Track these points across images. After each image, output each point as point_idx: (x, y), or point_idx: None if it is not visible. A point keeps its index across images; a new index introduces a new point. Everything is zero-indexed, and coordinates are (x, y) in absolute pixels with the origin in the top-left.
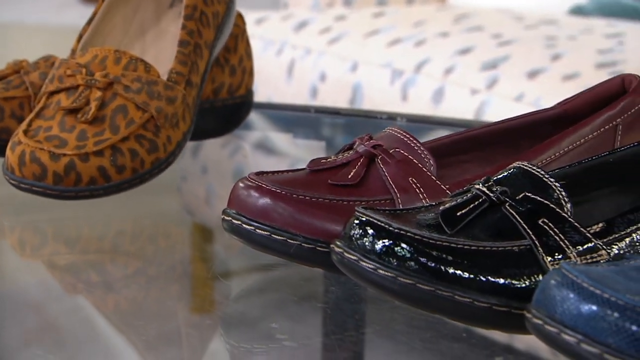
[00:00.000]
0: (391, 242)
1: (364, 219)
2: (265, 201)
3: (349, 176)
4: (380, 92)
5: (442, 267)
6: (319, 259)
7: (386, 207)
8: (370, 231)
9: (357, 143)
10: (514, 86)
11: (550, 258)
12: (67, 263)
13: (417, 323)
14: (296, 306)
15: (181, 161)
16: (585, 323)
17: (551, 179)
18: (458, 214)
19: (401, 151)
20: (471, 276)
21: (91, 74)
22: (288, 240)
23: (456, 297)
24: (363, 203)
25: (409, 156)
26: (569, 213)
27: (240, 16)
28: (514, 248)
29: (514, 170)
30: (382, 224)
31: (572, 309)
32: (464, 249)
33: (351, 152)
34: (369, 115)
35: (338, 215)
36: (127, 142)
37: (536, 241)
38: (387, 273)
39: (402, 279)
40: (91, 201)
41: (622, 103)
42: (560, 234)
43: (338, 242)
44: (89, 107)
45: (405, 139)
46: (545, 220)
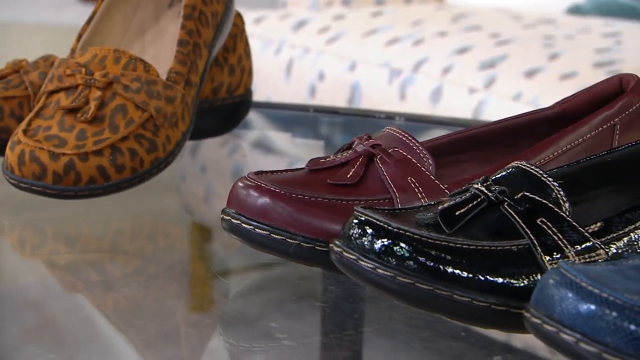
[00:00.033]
0: (390, 242)
1: (363, 219)
2: (264, 200)
3: (348, 176)
4: (378, 91)
5: (441, 267)
6: (318, 258)
7: (385, 207)
8: (369, 230)
9: (356, 143)
10: (512, 85)
11: (548, 257)
12: (67, 262)
13: (416, 322)
14: (295, 305)
15: (180, 160)
16: (583, 322)
17: (549, 179)
18: (457, 214)
19: (400, 151)
20: (470, 275)
21: (91, 74)
22: (287, 239)
23: (455, 297)
24: (362, 202)
25: (408, 156)
26: (568, 212)
27: (239, 16)
28: (513, 247)
29: (513, 169)
30: (381, 224)
31: (571, 308)
32: (463, 249)
33: (350, 152)
34: (368, 114)
35: (337, 214)
36: (127, 142)
37: (534, 240)
38: (386, 272)
39: (401, 278)
40: (90, 200)
41: (620, 103)
42: (558, 234)
43: (337, 242)
44: (89, 107)
45: (404, 139)
46: (543, 219)
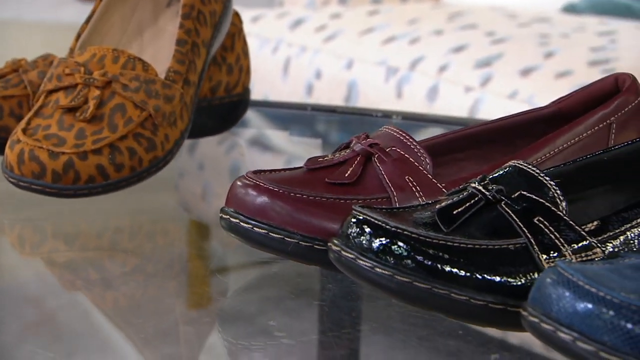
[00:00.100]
0: (388, 241)
1: (361, 218)
2: (262, 199)
3: (346, 175)
4: (375, 90)
5: (439, 265)
6: (316, 257)
7: (383, 206)
8: (367, 230)
9: (354, 142)
10: (508, 84)
11: (545, 256)
12: (66, 260)
13: (414, 320)
14: (293, 302)
15: (178, 158)
16: (580, 321)
17: (546, 178)
18: (454, 213)
19: (398, 150)
20: (467, 274)
21: (89, 73)
22: (285, 238)
23: (452, 295)
24: (360, 201)
25: (406, 155)
26: (564, 211)
27: (237, 15)
28: (510, 246)
29: (510, 168)
30: (379, 223)
31: (568, 307)
32: (460, 247)
33: (348, 151)
34: (365, 113)
35: (335, 213)
36: (126, 141)
37: (532, 239)
38: (384, 271)
39: (399, 277)
40: (89, 199)
41: (616, 102)
42: (555, 232)
43: (335, 241)
44: (88, 106)
45: (401, 138)
46: (540, 218)
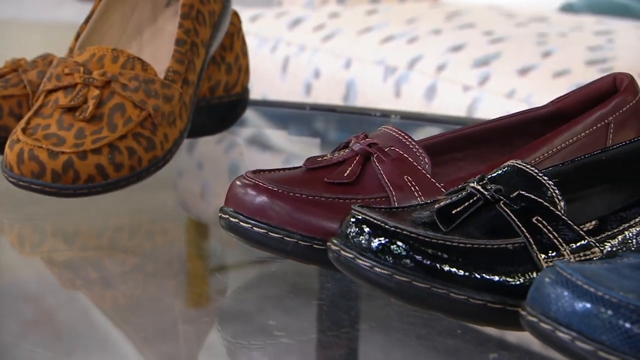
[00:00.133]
0: (387, 240)
1: (360, 217)
2: (262, 199)
3: (345, 174)
4: (373, 89)
5: (438, 265)
6: (316, 257)
7: (382, 205)
8: (366, 229)
9: (353, 141)
10: (506, 83)
11: (544, 255)
12: (66, 259)
13: (412, 319)
14: (292, 301)
15: (177, 158)
16: (579, 321)
17: (545, 177)
18: (453, 212)
19: (396, 149)
20: (466, 274)
21: (89, 73)
22: (285, 238)
23: (451, 295)
24: (359, 201)
25: (404, 154)
26: (563, 211)
27: (236, 14)
28: (509, 246)
29: (508, 168)
30: (378, 222)
31: (567, 307)
32: (459, 247)
33: (347, 151)
34: (363, 112)
35: (334, 213)
36: (125, 140)
37: (530, 239)
38: (383, 271)
39: (398, 277)
40: (89, 198)
41: (614, 101)
42: (554, 232)
43: (334, 240)
44: (87, 106)
45: (400, 138)
46: (539, 218)
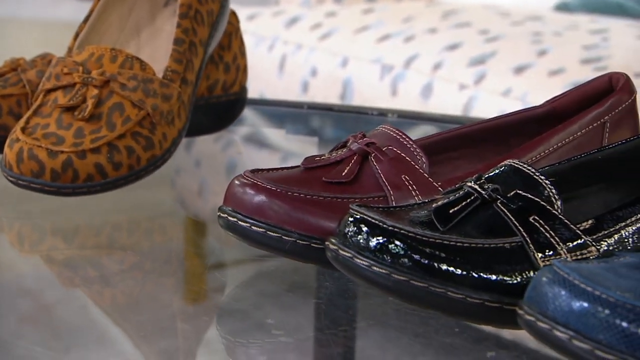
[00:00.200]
0: (385, 240)
1: (358, 217)
2: (260, 198)
3: (343, 174)
4: (370, 87)
5: (435, 264)
6: (314, 256)
7: (380, 205)
8: (364, 228)
9: (351, 141)
10: (501, 81)
11: (541, 254)
12: (65, 258)
13: (410, 318)
14: (290, 298)
15: (175, 156)
16: (576, 320)
17: (542, 177)
18: (450, 212)
19: (394, 149)
20: (464, 273)
21: (88, 72)
22: (283, 237)
23: (449, 294)
24: (357, 200)
25: (402, 154)
26: (560, 210)
27: (234, 14)
28: (506, 245)
29: (505, 167)
30: (376, 222)
31: (564, 306)
32: (457, 246)
33: (345, 150)
34: (361, 111)
35: (332, 212)
36: (124, 140)
37: (527, 238)
38: (381, 270)
39: (396, 276)
40: (88, 197)
41: (610, 101)
42: (550, 231)
43: (333, 240)
44: (86, 105)
45: (398, 137)
46: (536, 217)
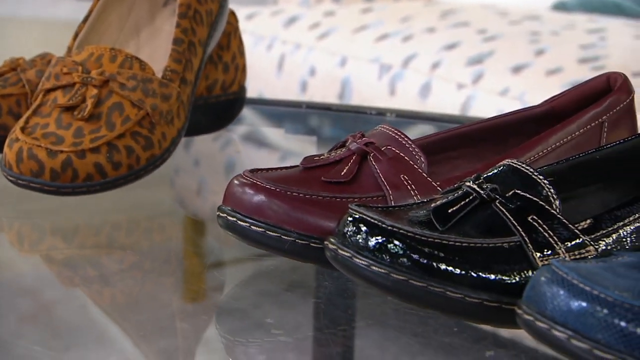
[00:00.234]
0: (384, 239)
1: (357, 216)
2: (259, 198)
3: (342, 173)
4: (368, 87)
5: (434, 264)
6: (313, 255)
7: (379, 204)
8: (363, 228)
9: (350, 141)
10: (499, 81)
11: (539, 254)
12: (65, 257)
13: (409, 317)
14: (289, 297)
15: (174, 155)
16: (575, 319)
17: (540, 176)
18: (449, 211)
19: (393, 148)
20: (462, 272)
21: (87, 72)
22: (282, 236)
23: (448, 293)
24: (356, 200)
25: (401, 153)
26: (558, 210)
27: (232, 14)
28: (504, 244)
29: (504, 167)
30: (375, 221)
31: (562, 305)
32: (455, 246)
33: (344, 150)
34: (359, 111)
35: (331, 212)
36: (123, 139)
37: (526, 237)
38: (380, 269)
39: (395, 275)
40: (87, 196)
41: (608, 101)
42: (549, 231)
43: (332, 239)
44: (85, 105)
45: (396, 137)
46: (534, 217)
